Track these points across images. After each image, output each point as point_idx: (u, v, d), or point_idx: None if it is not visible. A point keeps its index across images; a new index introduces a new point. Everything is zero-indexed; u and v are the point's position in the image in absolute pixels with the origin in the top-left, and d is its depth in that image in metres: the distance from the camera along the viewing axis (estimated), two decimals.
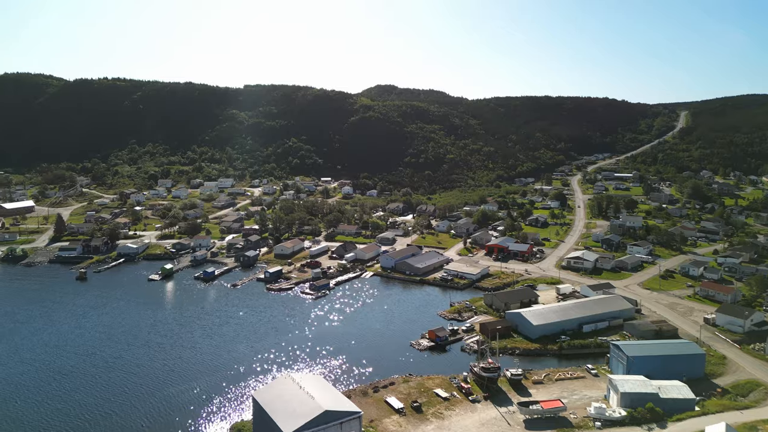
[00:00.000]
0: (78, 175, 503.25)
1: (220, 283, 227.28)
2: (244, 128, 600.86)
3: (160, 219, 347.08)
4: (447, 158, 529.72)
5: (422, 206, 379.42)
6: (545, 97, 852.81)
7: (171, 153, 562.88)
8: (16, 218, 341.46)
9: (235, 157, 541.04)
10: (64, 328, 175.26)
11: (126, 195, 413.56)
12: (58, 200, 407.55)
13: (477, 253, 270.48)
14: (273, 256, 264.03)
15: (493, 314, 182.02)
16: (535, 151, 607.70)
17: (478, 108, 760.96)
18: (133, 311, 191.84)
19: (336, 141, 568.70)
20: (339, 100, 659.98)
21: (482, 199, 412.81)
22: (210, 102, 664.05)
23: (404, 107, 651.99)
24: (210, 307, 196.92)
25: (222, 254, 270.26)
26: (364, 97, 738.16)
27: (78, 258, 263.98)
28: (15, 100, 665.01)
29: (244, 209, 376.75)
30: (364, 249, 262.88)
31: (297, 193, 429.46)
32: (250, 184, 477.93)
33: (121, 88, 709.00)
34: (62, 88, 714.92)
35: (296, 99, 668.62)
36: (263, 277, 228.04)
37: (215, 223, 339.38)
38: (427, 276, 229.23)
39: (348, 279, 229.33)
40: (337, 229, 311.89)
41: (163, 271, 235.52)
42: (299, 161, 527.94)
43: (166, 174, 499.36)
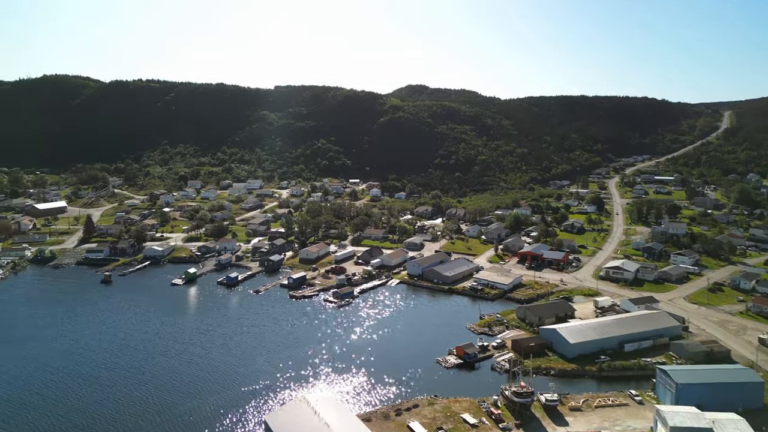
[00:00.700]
0: (111, 175, 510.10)
1: (243, 288, 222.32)
2: (274, 129, 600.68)
3: (187, 221, 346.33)
4: (478, 160, 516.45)
5: (452, 210, 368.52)
6: (581, 97, 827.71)
7: (201, 154, 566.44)
8: (48, 219, 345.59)
9: (264, 158, 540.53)
10: (83, 334, 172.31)
11: (156, 196, 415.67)
12: (90, 201, 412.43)
13: (509, 260, 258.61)
14: (298, 261, 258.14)
15: (526, 329, 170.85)
16: (571, 152, 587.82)
17: (510, 108, 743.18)
18: (153, 317, 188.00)
19: (365, 142, 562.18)
20: (369, 101, 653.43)
21: (515, 202, 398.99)
22: (241, 103, 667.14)
23: (435, 107, 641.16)
24: (231, 315, 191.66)
25: (247, 258, 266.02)
26: (395, 97, 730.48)
27: (104, 260, 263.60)
28: (53, 102, 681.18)
29: (271, 211, 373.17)
30: (390, 255, 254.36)
31: (325, 195, 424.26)
32: (279, 186, 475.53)
33: (154, 89, 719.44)
34: (98, 89, 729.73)
35: (326, 99, 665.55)
36: (287, 284, 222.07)
37: (242, 225, 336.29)
38: (455, 285, 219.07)
39: (373, 287, 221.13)
40: (363, 233, 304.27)
41: (186, 275, 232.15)
42: (328, 162, 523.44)
43: (195, 175, 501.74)
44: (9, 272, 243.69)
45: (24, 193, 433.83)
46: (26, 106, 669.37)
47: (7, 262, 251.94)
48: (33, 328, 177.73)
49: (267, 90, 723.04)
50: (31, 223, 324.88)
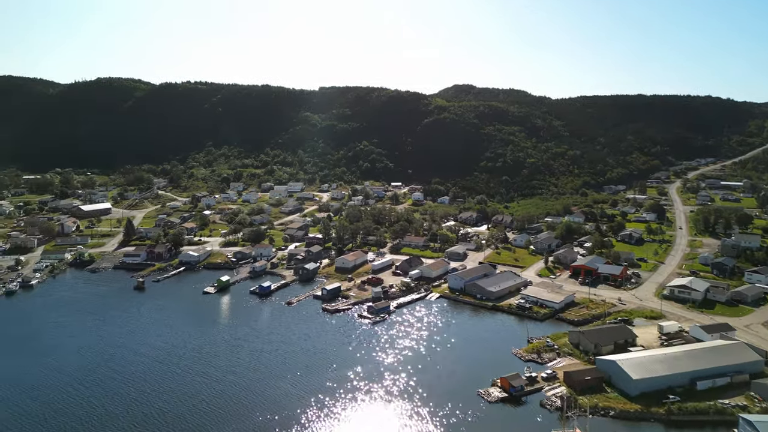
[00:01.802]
0: (157, 177, 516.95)
1: (275, 299, 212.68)
2: (317, 131, 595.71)
3: (226, 224, 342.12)
4: (527, 162, 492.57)
5: (498, 216, 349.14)
6: (638, 96, 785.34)
7: (245, 156, 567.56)
8: (92, 221, 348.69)
9: (306, 161, 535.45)
10: (107, 345, 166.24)
11: (197, 198, 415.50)
12: (134, 202, 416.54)
13: (560, 274, 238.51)
14: (334, 270, 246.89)
15: (580, 358, 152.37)
16: (627, 155, 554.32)
17: (562, 108, 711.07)
18: (181, 329, 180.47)
19: (408, 144, 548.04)
20: (413, 102, 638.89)
21: (566, 208, 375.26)
22: (285, 104, 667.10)
23: (481, 108, 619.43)
24: (261, 328, 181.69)
25: (282, 265, 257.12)
26: (440, 97, 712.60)
27: (141, 265, 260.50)
28: (106, 104, 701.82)
29: (310, 215, 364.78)
30: (430, 265, 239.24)
31: (365, 198, 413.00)
32: (320, 189, 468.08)
33: (201, 91, 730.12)
34: (149, 91, 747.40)
35: (370, 101, 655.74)
36: (320, 295, 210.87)
37: (281, 230, 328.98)
38: (501, 301, 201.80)
39: (411, 301, 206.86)
40: (403, 240, 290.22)
41: (218, 283, 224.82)
42: (370, 165, 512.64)
43: (238, 177, 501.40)
44: (47, 276, 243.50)
45: (73, 194, 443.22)
46: (81, 108, 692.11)
47: (45, 265, 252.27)
48: (58, 338, 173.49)
49: (311, 91, 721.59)
50: (74, 225, 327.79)
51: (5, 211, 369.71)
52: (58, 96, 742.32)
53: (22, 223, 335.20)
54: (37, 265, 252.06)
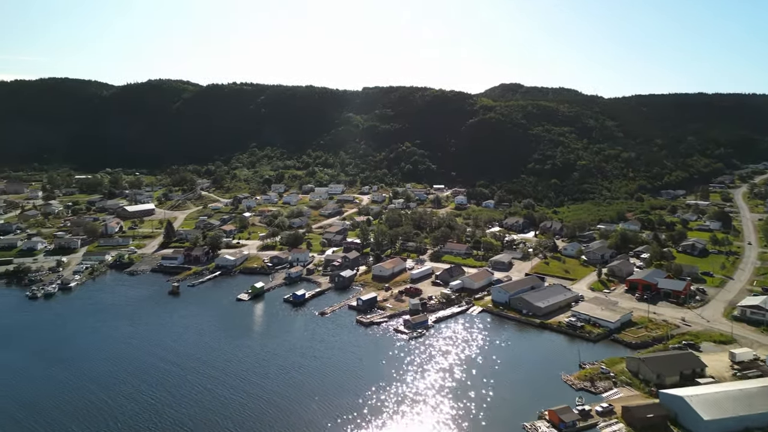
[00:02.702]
0: (201, 177, 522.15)
1: (309, 308, 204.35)
2: (359, 132, 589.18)
3: (265, 227, 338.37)
4: (578, 165, 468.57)
5: (546, 222, 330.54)
6: (698, 95, 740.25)
7: (287, 157, 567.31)
8: (135, 222, 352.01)
9: (348, 162, 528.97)
10: (136, 353, 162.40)
11: (238, 200, 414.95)
12: (177, 203, 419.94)
13: (615, 288, 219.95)
14: (371, 278, 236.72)
15: (640, 389, 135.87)
16: (687, 157, 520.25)
17: (615, 107, 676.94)
18: (212, 338, 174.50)
19: (452, 145, 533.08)
20: (458, 101, 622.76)
21: (620, 215, 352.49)
22: (328, 105, 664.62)
23: (529, 107, 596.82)
24: (293, 341, 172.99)
25: (318, 272, 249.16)
26: (486, 97, 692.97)
27: (178, 268, 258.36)
28: (155, 105, 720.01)
29: (350, 219, 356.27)
30: (473, 276, 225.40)
31: (407, 201, 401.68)
32: (360, 191, 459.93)
33: (247, 92, 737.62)
34: (196, 93, 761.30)
35: (413, 101, 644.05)
36: (355, 305, 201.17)
37: (319, 233, 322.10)
38: (549, 318, 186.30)
39: (451, 315, 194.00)
40: (444, 247, 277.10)
41: (252, 290, 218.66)
42: (411, 167, 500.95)
43: (280, 178, 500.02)
44: (86, 278, 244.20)
45: (120, 194, 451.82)
46: (132, 109, 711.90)
47: (86, 267, 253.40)
48: (89, 344, 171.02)
49: (354, 92, 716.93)
50: (117, 225, 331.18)
51: (54, 211, 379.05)
52: (111, 98, 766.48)
53: (68, 223, 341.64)
54: (78, 267, 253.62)
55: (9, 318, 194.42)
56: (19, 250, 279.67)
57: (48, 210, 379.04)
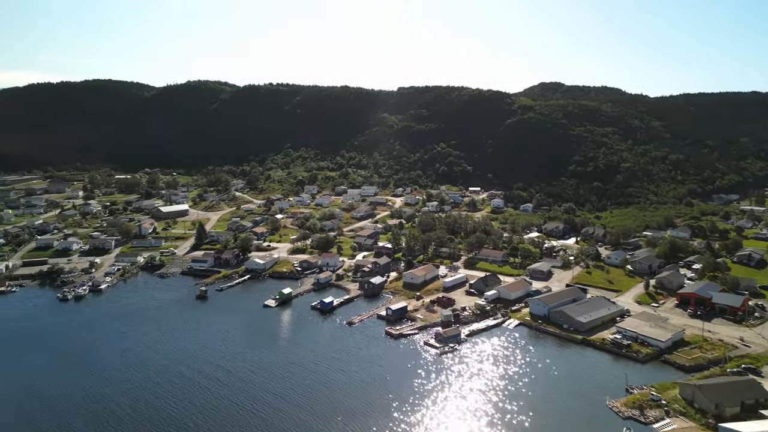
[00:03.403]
0: (236, 178, 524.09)
1: (336, 317, 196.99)
2: (393, 132, 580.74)
3: (297, 229, 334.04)
4: (622, 167, 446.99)
5: (588, 228, 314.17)
6: (752, 93, 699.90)
7: (321, 158, 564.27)
8: (169, 222, 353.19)
9: (382, 163, 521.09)
10: (158, 361, 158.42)
11: (271, 201, 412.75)
12: (211, 204, 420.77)
13: (664, 302, 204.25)
14: (401, 285, 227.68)
15: (696, 420, 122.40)
16: (741, 160, 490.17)
17: (662, 107, 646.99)
18: (237, 347, 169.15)
19: (489, 146, 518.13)
20: (495, 101, 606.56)
21: (668, 221, 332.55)
22: (363, 105, 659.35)
23: (570, 107, 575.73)
24: (319, 352, 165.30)
25: (348, 277, 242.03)
26: (525, 96, 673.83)
27: (207, 271, 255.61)
28: (194, 106, 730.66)
29: (382, 222, 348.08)
30: (509, 286, 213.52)
31: (441, 204, 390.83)
32: (393, 193, 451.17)
33: (282, 92, 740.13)
34: (233, 94, 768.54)
35: (449, 100, 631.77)
36: (384, 315, 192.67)
37: (350, 237, 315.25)
38: (592, 334, 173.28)
39: (485, 328, 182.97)
40: (479, 253, 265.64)
41: (280, 296, 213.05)
42: (447, 168, 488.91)
43: (313, 180, 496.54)
44: (117, 279, 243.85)
45: (157, 194, 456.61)
46: (171, 110, 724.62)
47: (117, 269, 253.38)
48: (114, 350, 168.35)
49: (389, 92, 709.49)
50: (151, 226, 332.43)
51: (92, 211, 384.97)
52: (152, 99, 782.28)
53: (105, 223, 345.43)
54: (110, 269, 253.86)
55: (38, 321, 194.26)
56: (55, 251, 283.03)
57: (86, 210, 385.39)
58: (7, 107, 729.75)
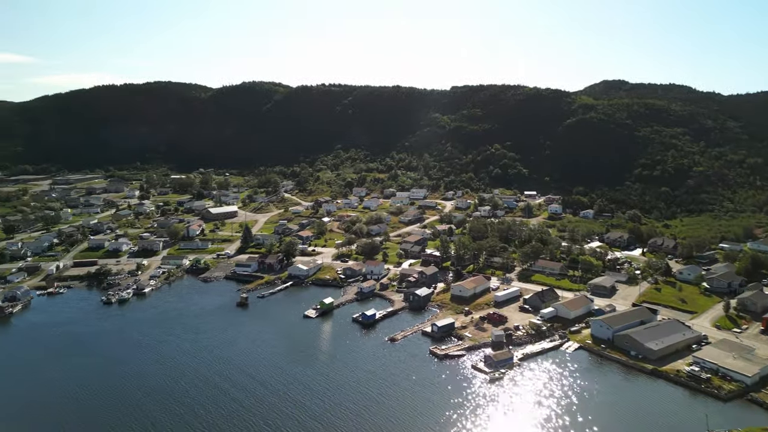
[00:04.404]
0: (286, 179, 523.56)
1: (379, 330, 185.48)
2: (445, 133, 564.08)
3: (343, 233, 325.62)
4: (693, 171, 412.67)
5: (656, 238, 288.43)
6: None
7: (371, 159, 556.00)
8: (217, 224, 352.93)
9: (432, 165, 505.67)
10: (199, 371, 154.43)
11: (319, 203, 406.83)
12: (260, 206, 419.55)
13: (747, 326, 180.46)
14: (449, 298, 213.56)
15: None
16: None
17: (737, 105, 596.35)
18: (273, 361, 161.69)
19: (546, 147, 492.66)
20: (553, 100, 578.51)
21: (747, 231, 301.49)
22: (414, 105, 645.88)
23: (635, 106, 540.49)
24: (359, 371, 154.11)
25: (392, 287, 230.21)
26: (586, 95, 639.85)
27: (250, 276, 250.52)
28: (248, 107, 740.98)
29: (430, 227, 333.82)
30: (568, 303, 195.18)
31: (493, 209, 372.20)
32: (443, 196, 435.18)
33: (335, 93, 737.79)
34: (286, 95, 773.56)
35: (505, 100, 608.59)
36: (430, 332, 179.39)
37: (397, 242, 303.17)
38: (664, 363, 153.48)
39: (541, 351, 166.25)
40: (535, 264, 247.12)
41: (321, 305, 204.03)
42: (501, 171, 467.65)
43: (362, 182, 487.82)
44: (162, 283, 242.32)
45: (209, 195, 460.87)
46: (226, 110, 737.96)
47: (162, 272, 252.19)
48: (152, 358, 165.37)
49: (442, 91, 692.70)
50: (199, 228, 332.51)
51: (145, 211, 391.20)
52: (208, 99, 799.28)
53: (155, 224, 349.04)
54: (155, 271, 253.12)
55: (81, 325, 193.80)
56: (106, 251, 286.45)
57: (140, 210, 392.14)
58: (74, 108, 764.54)
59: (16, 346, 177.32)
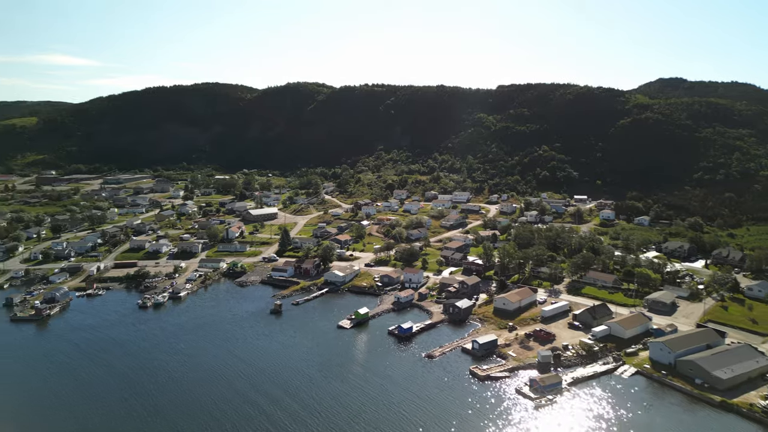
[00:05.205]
0: (327, 180, 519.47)
1: (415, 346, 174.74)
2: (490, 134, 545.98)
3: (382, 237, 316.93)
4: (760, 176, 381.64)
5: (721, 249, 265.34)
6: None
7: (412, 161, 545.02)
8: (256, 226, 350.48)
9: (476, 167, 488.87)
10: (228, 381, 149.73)
11: (358, 206, 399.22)
12: (300, 208, 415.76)
13: None
14: (491, 311, 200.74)
15: None
16: None
17: None
18: (304, 376, 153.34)
19: (597, 149, 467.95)
20: (606, 99, 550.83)
21: None
22: (459, 105, 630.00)
23: (696, 105, 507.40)
24: (393, 389, 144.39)
25: (431, 297, 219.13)
26: (641, 93, 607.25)
27: (286, 282, 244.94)
28: (292, 108, 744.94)
29: (473, 232, 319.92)
30: (623, 321, 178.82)
31: (541, 214, 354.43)
32: (488, 200, 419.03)
33: (377, 93, 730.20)
34: (329, 95, 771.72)
35: (553, 99, 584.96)
36: (470, 349, 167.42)
37: (438, 248, 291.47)
38: (735, 395, 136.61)
39: (593, 375, 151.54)
40: (585, 275, 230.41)
41: (356, 316, 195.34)
42: (549, 174, 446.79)
43: (403, 184, 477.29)
44: (198, 286, 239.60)
45: (250, 196, 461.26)
46: (270, 111, 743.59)
47: (199, 275, 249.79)
48: (181, 366, 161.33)
49: (487, 90, 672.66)
50: (238, 230, 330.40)
51: (188, 212, 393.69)
52: (254, 100, 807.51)
53: (196, 225, 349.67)
54: (192, 275, 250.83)
55: (115, 330, 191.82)
56: (146, 252, 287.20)
57: (182, 210, 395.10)
58: (127, 109, 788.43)
59: (43, 352, 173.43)
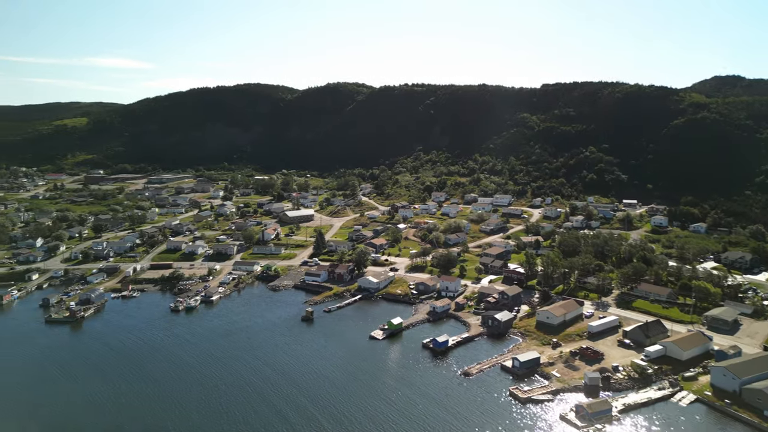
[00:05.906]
0: (365, 181, 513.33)
1: (451, 361, 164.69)
2: (533, 134, 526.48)
3: (419, 242, 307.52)
4: None
5: None
6: None
7: (452, 162, 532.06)
8: (292, 228, 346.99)
9: (518, 169, 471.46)
10: (256, 393, 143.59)
11: (395, 208, 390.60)
12: (336, 209, 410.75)
13: None
14: (534, 324, 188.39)
15: None
16: None
17: None
18: (331, 390, 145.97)
19: (649, 151, 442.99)
20: (658, 98, 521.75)
21: None
22: (501, 105, 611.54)
23: (756, 104, 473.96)
24: (426, 410, 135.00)
25: (469, 308, 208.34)
26: (696, 92, 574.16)
27: (319, 287, 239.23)
28: (332, 108, 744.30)
29: (515, 237, 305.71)
30: (680, 340, 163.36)
31: (587, 219, 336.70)
32: (530, 204, 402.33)
33: (417, 93, 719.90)
34: (369, 95, 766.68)
35: (601, 98, 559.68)
36: (510, 367, 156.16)
37: (476, 254, 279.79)
38: None
39: (647, 402, 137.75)
40: (636, 288, 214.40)
41: (389, 326, 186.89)
42: (596, 176, 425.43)
43: (441, 186, 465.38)
44: (230, 290, 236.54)
45: (288, 197, 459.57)
46: (310, 111, 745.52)
47: (232, 278, 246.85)
48: (208, 374, 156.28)
49: (531, 89, 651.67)
50: (274, 232, 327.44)
51: (226, 212, 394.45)
52: (294, 101, 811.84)
53: (233, 226, 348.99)
54: (225, 278, 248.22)
55: (147, 333, 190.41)
56: (182, 254, 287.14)
57: (220, 211, 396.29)
58: (171, 110, 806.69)
59: (72, 355, 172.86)
